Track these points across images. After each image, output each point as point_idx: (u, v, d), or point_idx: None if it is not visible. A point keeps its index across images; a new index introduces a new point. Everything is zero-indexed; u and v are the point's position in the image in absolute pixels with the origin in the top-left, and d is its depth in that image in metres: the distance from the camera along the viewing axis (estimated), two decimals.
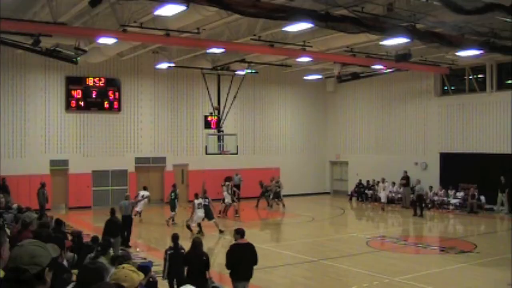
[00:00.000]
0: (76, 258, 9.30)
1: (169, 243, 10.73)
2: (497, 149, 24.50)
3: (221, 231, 18.70)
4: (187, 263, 9.48)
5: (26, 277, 2.84)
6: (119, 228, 14.10)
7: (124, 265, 4.47)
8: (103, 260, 7.96)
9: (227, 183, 23.74)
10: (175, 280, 9.90)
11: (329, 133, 33.60)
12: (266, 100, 31.58)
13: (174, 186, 22.16)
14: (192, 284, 9.41)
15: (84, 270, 4.32)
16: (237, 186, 28.22)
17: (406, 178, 26.88)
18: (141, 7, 16.27)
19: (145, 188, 22.26)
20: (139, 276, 4.16)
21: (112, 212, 14.67)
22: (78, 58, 20.15)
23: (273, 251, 16.29)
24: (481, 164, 24.68)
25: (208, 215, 18.80)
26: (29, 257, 2.89)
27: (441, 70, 25.72)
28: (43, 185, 22.08)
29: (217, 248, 17.04)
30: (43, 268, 2.90)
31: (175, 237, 10.42)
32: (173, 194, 21.38)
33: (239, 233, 9.61)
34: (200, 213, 18.43)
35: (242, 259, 9.34)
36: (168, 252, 10.15)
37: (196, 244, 9.55)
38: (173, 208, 20.99)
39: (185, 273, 9.48)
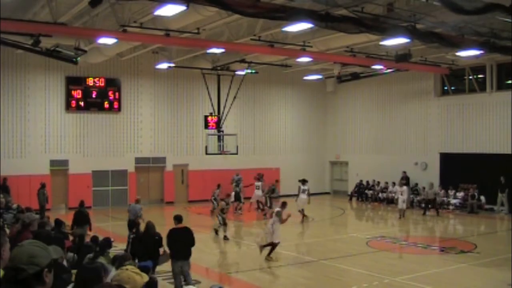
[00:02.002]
0: (76, 258, 9.31)
1: None
2: (497, 149, 24.49)
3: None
4: (143, 243, 10.97)
5: (23, 277, 2.83)
6: (86, 219, 15.04)
7: (127, 266, 4.47)
8: (102, 260, 7.97)
9: (305, 185, 22.61)
10: (136, 258, 10.88)
11: (329, 133, 33.60)
12: (266, 100, 31.57)
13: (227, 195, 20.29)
14: (147, 258, 10.33)
15: (83, 270, 4.32)
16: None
17: (406, 178, 26.89)
18: (141, 7, 16.28)
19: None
20: (142, 278, 4.15)
21: (81, 204, 15.81)
22: (78, 58, 20.11)
23: (273, 251, 16.26)
24: (481, 164, 24.67)
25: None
26: (27, 257, 2.88)
27: (441, 70, 25.72)
28: (43, 186, 22.04)
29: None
30: (41, 269, 2.89)
31: (136, 225, 12.40)
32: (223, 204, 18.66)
33: (177, 219, 11.05)
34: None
35: (179, 241, 10.63)
36: (131, 236, 12.01)
37: (149, 227, 11.11)
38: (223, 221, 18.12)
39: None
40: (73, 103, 25.82)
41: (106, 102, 26.55)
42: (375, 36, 17.20)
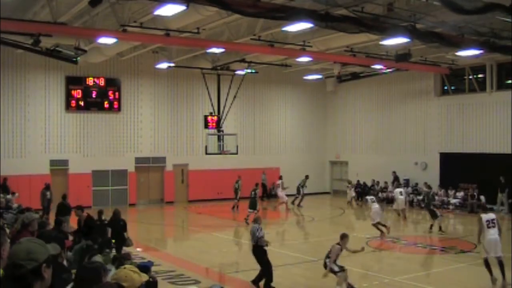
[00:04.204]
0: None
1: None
2: (497, 149, 24.49)
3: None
4: (110, 227, 12.68)
5: (21, 272, 2.85)
6: (67, 209, 16.77)
7: (126, 265, 4.46)
8: (98, 258, 7.96)
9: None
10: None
11: (329, 133, 33.60)
12: (266, 100, 31.58)
13: (256, 185, 22.53)
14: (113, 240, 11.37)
15: (82, 269, 4.32)
16: (263, 185, 28.48)
17: (396, 178, 27.22)
18: (141, 7, 16.29)
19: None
20: (141, 277, 4.13)
21: (63, 197, 18.03)
22: (78, 58, 20.13)
23: (273, 251, 16.24)
24: (481, 164, 24.66)
25: None
26: (25, 253, 2.91)
27: (441, 70, 25.72)
28: (47, 187, 21.65)
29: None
30: (39, 264, 2.91)
31: (100, 212, 13.86)
32: (253, 192, 21.54)
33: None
34: None
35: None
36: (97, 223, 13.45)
37: (116, 213, 13.00)
38: (253, 206, 20.78)
39: (109, 234, 12.54)
40: (73, 103, 25.83)
41: (106, 102, 26.56)
42: (375, 36, 17.21)
